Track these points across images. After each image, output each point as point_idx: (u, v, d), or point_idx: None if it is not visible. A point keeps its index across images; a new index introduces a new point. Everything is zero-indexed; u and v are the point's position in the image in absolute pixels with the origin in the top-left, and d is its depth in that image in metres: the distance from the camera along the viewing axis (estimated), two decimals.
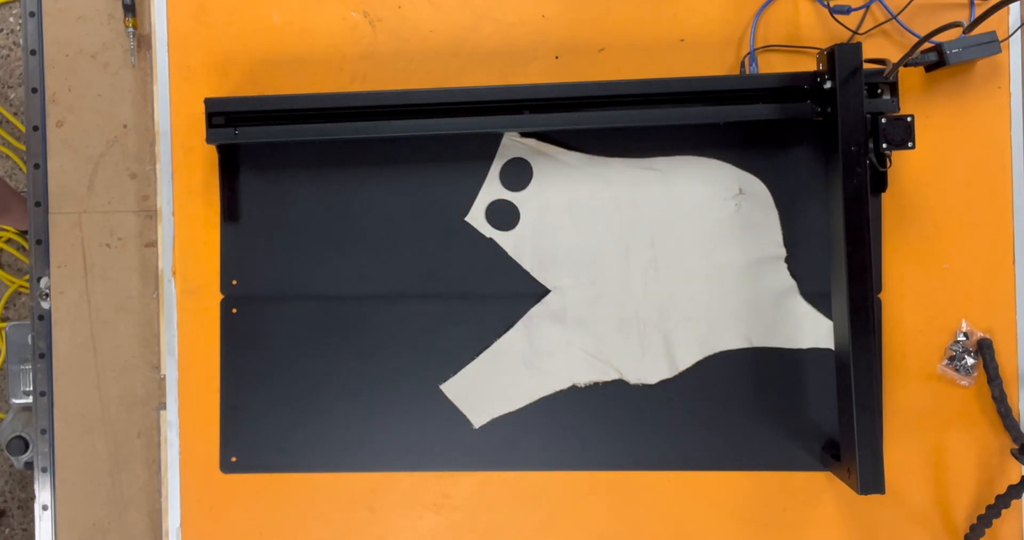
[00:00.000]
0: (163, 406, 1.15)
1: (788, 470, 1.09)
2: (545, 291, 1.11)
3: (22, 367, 1.26)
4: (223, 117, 1.07)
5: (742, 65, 1.10)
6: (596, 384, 1.11)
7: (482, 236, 1.12)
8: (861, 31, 1.08)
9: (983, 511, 1.05)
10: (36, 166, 1.17)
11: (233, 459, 1.14)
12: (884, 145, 1.00)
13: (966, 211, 1.08)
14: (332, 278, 1.13)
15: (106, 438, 1.17)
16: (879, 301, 1.08)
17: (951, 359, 1.07)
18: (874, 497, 0.99)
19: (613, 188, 1.11)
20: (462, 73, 1.12)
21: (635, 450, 1.10)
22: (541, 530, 1.12)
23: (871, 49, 1.06)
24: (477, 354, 1.11)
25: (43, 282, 1.16)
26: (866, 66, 0.99)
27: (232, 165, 1.13)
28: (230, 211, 1.13)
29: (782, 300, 1.10)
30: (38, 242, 1.17)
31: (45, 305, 1.17)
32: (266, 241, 1.13)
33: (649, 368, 1.10)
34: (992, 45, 1.04)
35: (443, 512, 1.13)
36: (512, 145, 1.11)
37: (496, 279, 1.11)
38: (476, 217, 1.12)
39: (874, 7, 1.07)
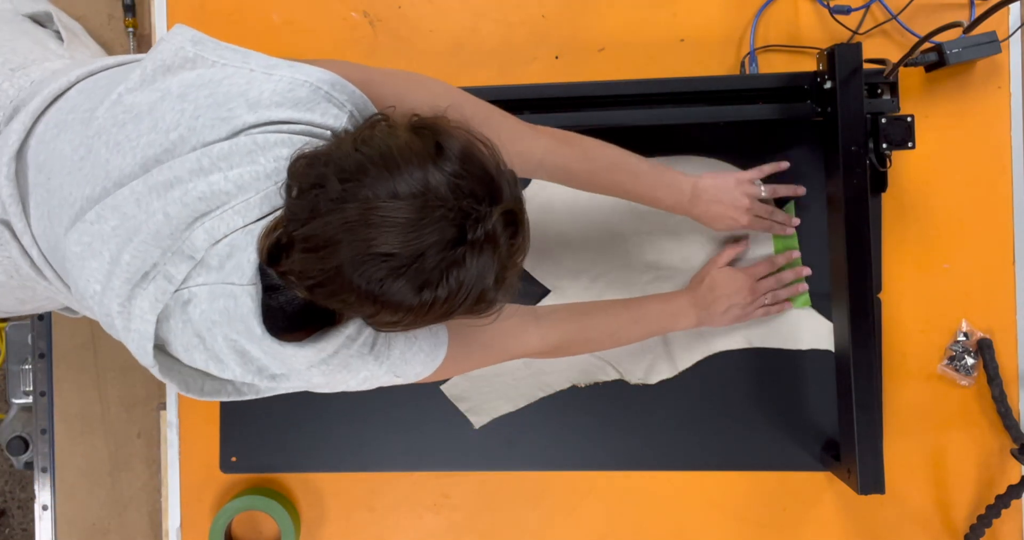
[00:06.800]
0: (163, 406, 1.15)
1: (788, 470, 1.09)
2: (545, 291, 1.11)
3: (22, 367, 1.25)
4: None
5: (742, 65, 1.10)
6: (596, 384, 1.11)
7: None
8: (861, 31, 1.08)
9: (983, 511, 1.05)
10: None
11: (233, 459, 1.13)
12: (884, 145, 1.00)
13: (966, 211, 1.08)
14: None
15: (106, 438, 1.17)
16: (879, 301, 1.08)
17: (951, 359, 1.07)
18: (874, 497, 0.98)
19: None
20: (462, 73, 1.12)
21: (635, 450, 1.10)
22: (541, 530, 1.12)
23: (871, 49, 1.06)
24: None
25: None
26: (866, 66, 0.98)
27: None
28: None
29: None
30: None
31: None
32: None
33: (649, 368, 1.10)
34: (992, 45, 1.04)
35: (443, 512, 1.13)
36: None
37: None
38: None
39: (874, 7, 1.07)
